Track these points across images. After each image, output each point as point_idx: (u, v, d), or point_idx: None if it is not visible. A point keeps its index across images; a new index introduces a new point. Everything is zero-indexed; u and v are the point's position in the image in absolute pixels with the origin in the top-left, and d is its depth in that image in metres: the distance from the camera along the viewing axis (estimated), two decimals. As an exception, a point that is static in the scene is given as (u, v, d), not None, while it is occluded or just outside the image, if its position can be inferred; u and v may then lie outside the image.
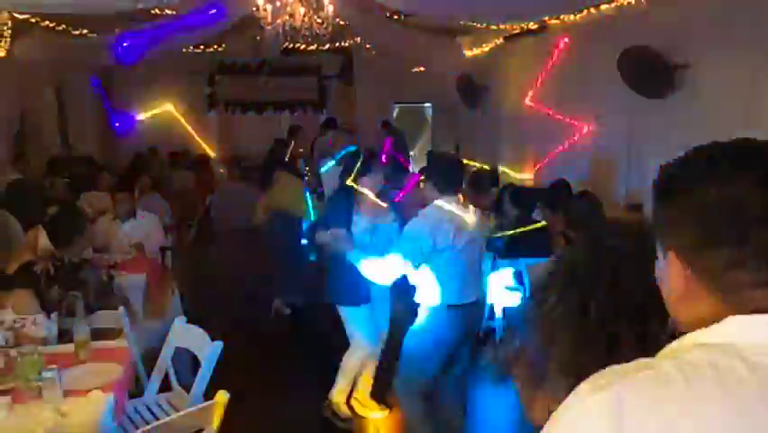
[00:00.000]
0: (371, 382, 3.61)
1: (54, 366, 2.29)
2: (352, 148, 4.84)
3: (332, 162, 6.28)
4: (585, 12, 5.67)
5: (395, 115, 11.07)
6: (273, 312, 5.38)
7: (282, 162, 6.66)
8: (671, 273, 0.77)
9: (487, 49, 7.95)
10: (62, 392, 2.26)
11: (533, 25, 6.62)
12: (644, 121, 5.10)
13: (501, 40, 7.53)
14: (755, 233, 0.70)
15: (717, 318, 0.72)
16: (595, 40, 5.64)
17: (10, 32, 6.36)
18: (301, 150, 7.75)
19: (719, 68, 4.30)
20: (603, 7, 5.44)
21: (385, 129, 8.82)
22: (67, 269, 3.18)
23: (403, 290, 3.13)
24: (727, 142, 0.77)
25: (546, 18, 6.21)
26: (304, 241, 5.66)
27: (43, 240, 3.53)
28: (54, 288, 3.12)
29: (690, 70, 4.53)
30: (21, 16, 6.23)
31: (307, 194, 5.76)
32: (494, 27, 7.16)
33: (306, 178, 6.85)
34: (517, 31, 7.03)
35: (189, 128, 9.83)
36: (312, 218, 5.51)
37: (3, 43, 6.36)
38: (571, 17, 5.95)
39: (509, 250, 4.46)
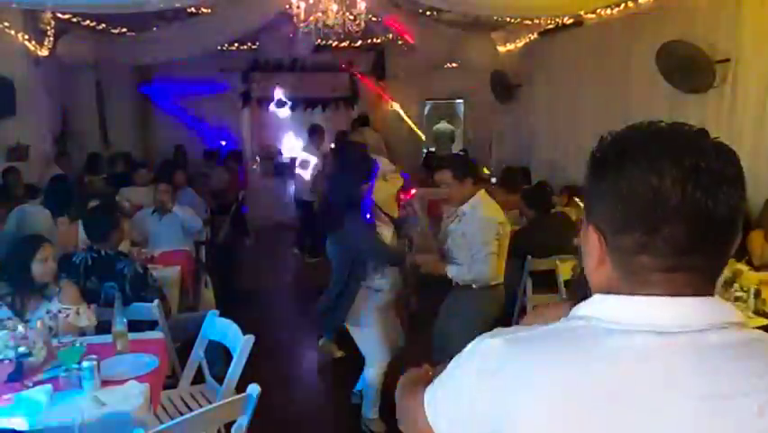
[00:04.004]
0: None
1: (93, 356, 2.35)
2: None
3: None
4: (622, 6, 5.54)
5: (426, 111, 11.02)
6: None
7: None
8: (588, 243, 0.80)
9: (521, 44, 7.85)
10: (100, 382, 2.32)
11: (568, 20, 6.51)
12: (684, 117, 4.96)
13: (536, 35, 7.42)
14: (668, 223, 0.71)
15: (615, 293, 0.76)
16: (632, 35, 5.52)
17: (53, 31, 6.56)
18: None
19: (761, 62, 4.16)
20: (641, 1, 5.31)
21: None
22: (103, 261, 3.27)
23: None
24: (664, 125, 0.77)
25: (582, 13, 6.09)
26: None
27: (83, 233, 3.63)
28: (92, 279, 3.21)
29: (730, 65, 4.40)
30: (63, 16, 6.42)
31: None
32: (528, 22, 7.06)
33: None
34: (552, 26, 6.92)
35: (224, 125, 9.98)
36: None
37: (46, 42, 6.56)
38: (608, 11, 5.82)
39: None
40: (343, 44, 8.56)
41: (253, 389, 2.24)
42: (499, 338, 0.79)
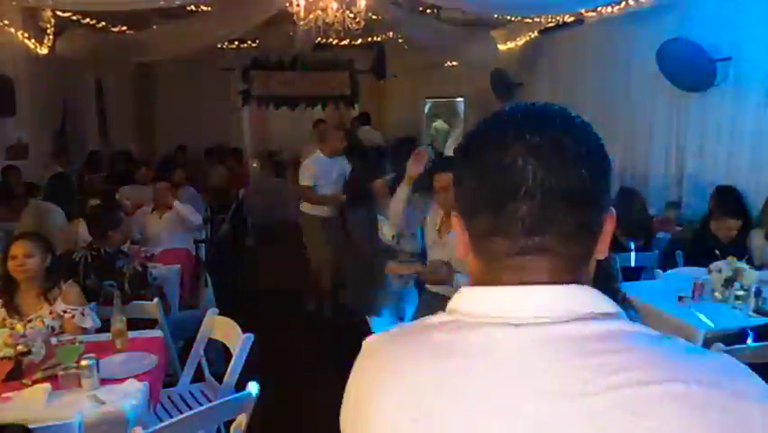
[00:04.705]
0: None
1: (92, 355, 2.35)
2: None
3: None
4: (623, 3, 5.53)
5: (426, 109, 11.02)
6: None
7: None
8: (457, 233, 0.77)
9: (521, 43, 7.84)
10: (99, 380, 2.32)
11: (569, 18, 6.49)
12: (684, 115, 4.96)
13: (536, 33, 7.41)
14: (513, 200, 0.68)
15: (480, 283, 0.73)
16: (633, 32, 5.51)
17: (53, 29, 6.55)
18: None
19: (762, 60, 4.15)
20: (642, -1, 5.30)
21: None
22: (103, 259, 3.27)
23: None
24: (521, 105, 0.75)
25: (583, 10, 6.08)
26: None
27: (82, 231, 3.63)
28: (91, 277, 3.21)
29: (731, 63, 4.39)
30: (63, 14, 6.41)
31: None
32: (528, 20, 7.05)
33: None
34: (553, 24, 6.91)
35: (223, 123, 9.98)
36: None
37: (46, 41, 6.55)
38: (609, 9, 5.81)
39: None
40: (343, 42, 8.55)
41: (253, 387, 2.24)
42: (375, 336, 0.80)
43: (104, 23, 6.93)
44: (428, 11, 7.05)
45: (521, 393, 0.64)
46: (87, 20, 6.76)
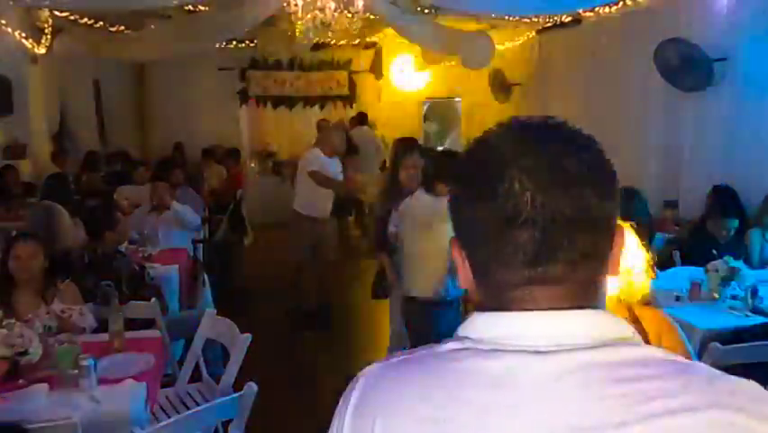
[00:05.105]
0: None
1: (90, 355, 2.35)
2: None
3: None
4: (620, 3, 5.54)
5: (425, 110, 11.01)
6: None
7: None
8: (456, 260, 0.74)
9: (519, 43, 7.85)
10: (97, 381, 2.31)
11: (566, 18, 6.50)
12: (681, 115, 4.97)
13: (534, 33, 7.42)
14: (513, 229, 0.64)
15: (487, 310, 0.70)
16: (630, 32, 5.52)
17: (50, 29, 6.54)
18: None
19: (759, 60, 4.16)
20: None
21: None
22: (100, 259, 3.27)
23: None
24: (514, 123, 0.71)
25: (580, 11, 6.09)
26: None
27: (80, 231, 3.63)
28: (88, 277, 3.21)
29: (728, 63, 4.40)
30: (60, 14, 6.40)
31: None
32: (526, 20, 7.06)
33: None
34: (550, 24, 6.92)
35: (221, 123, 9.97)
36: None
37: (43, 41, 6.54)
38: (606, 9, 5.82)
39: None
40: (341, 42, 8.55)
41: (250, 387, 2.24)
42: (375, 365, 0.74)
43: (101, 23, 6.93)
44: (426, 11, 7.05)
45: (553, 424, 0.60)
46: (85, 20, 6.76)
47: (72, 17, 6.59)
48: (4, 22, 5.85)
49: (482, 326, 0.68)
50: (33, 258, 2.79)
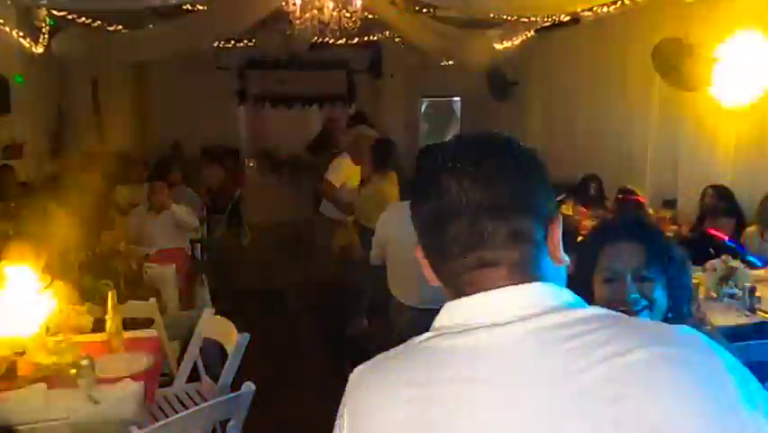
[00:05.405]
0: None
1: (88, 354, 2.34)
2: None
3: None
4: (619, 3, 5.54)
5: (423, 109, 11.02)
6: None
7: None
8: (421, 263, 0.82)
9: (517, 42, 7.84)
10: (95, 380, 2.31)
11: (565, 17, 6.50)
12: (679, 115, 4.98)
13: (532, 33, 7.41)
14: (447, 222, 0.74)
15: (450, 300, 0.77)
16: (628, 32, 5.52)
17: (48, 28, 6.52)
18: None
19: (755, 61, 4.16)
20: (638, -1, 5.31)
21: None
22: (98, 258, 3.26)
23: None
24: (452, 139, 0.83)
25: (579, 10, 6.09)
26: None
27: (78, 231, 3.62)
28: (86, 277, 3.20)
29: (724, 64, 4.40)
30: (58, 13, 6.38)
31: None
32: (525, 20, 7.06)
33: None
34: (549, 23, 6.92)
35: (219, 122, 9.97)
36: None
37: (41, 40, 6.52)
38: (605, 9, 5.82)
39: None
40: (340, 42, 8.54)
41: (248, 387, 2.24)
42: (362, 366, 0.80)
43: (99, 22, 6.91)
44: (424, 10, 7.05)
45: (521, 383, 0.67)
46: (83, 19, 6.74)
47: (70, 16, 6.57)
48: (1, 21, 5.83)
49: (449, 313, 0.76)
50: (23, 259, 2.77)
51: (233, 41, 8.67)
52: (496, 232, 0.73)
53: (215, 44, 7.94)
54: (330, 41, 8.08)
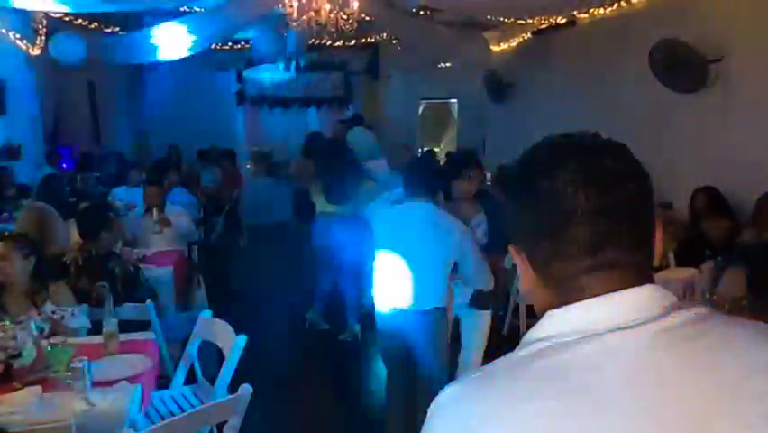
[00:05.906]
0: None
1: (83, 357, 2.33)
2: None
3: None
4: (615, 5, 5.56)
5: (420, 111, 11.03)
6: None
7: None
8: (518, 266, 0.81)
9: (514, 44, 7.86)
10: (91, 383, 2.30)
11: (561, 20, 6.52)
12: (676, 116, 4.98)
13: (529, 35, 7.43)
14: (571, 224, 0.72)
15: (557, 307, 0.75)
16: (625, 34, 5.53)
17: (45, 30, 6.51)
18: None
19: (754, 62, 4.17)
20: (634, 0, 5.33)
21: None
22: (94, 260, 3.25)
23: None
24: (558, 136, 0.81)
25: (575, 12, 6.10)
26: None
27: (75, 233, 3.61)
28: (83, 278, 3.19)
29: (723, 64, 4.41)
30: (55, 15, 6.37)
31: None
32: (521, 22, 7.07)
33: None
34: (546, 26, 6.94)
35: (217, 124, 9.96)
36: None
37: (38, 42, 6.51)
38: (601, 11, 5.84)
39: None
40: (337, 44, 8.55)
41: (245, 389, 2.23)
42: (452, 387, 0.74)
43: (96, 24, 6.90)
44: (422, 12, 7.06)
45: (660, 385, 0.67)
46: (80, 21, 6.73)
47: (66, 18, 6.56)
48: (-2, 23, 5.83)
49: (558, 322, 0.73)
50: (4, 260, 2.74)
51: (230, 43, 8.68)
52: (625, 233, 0.73)
53: (213, 46, 7.93)
54: (327, 43, 8.11)
